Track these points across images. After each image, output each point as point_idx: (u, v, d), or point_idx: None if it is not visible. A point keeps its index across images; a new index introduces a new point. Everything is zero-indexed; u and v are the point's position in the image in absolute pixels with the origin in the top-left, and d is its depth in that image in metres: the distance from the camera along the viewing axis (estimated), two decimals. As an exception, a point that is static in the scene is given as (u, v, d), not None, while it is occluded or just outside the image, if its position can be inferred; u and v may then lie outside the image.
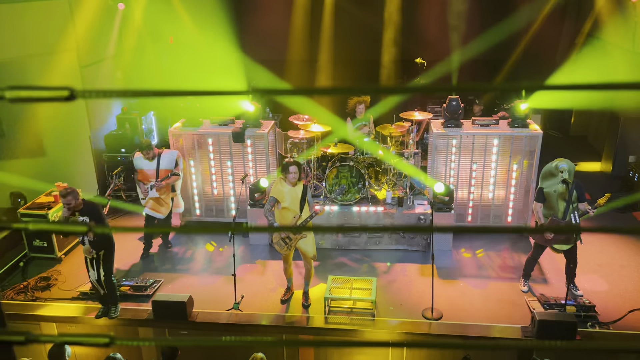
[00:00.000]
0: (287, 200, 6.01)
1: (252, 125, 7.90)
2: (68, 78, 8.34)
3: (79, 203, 5.75)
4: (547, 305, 6.12)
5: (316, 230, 7.68)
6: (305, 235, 6.08)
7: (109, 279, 6.09)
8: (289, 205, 6.02)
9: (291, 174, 5.97)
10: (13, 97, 1.19)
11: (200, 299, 6.35)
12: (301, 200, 6.03)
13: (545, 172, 6.22)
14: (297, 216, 6.03)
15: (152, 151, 7.11)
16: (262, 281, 6.91)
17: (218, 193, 8.21)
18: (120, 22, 9.61)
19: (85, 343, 1.30)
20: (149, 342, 4.08)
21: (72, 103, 1.23)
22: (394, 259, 7.37)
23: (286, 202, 6.01)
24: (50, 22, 8.21)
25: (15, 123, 8.18)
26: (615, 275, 6.85)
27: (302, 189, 6.05)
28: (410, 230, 8.11)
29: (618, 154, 9.35)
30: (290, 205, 6.02)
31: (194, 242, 7.94)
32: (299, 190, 6.04)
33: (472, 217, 7.98)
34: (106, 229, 6.16)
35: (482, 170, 7.71)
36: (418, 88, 8.07)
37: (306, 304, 6.38)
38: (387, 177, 7.83)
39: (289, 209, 6.03)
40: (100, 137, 9.24)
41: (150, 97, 1.23)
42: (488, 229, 7.28)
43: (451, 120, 7.70)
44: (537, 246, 6.43)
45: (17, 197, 7.79)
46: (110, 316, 6.17)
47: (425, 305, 6.23)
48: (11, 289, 6.75)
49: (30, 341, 1.28)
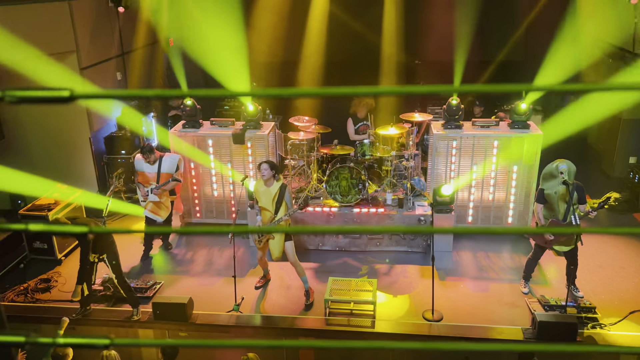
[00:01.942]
0: (262, 199, 6.20)
1: (252, 127, 7.90)
2: (68, 80, 8.33)
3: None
4: (548, 307, 6.11)
5: (316, 231, 7.67)
6: (273, 237, 6.23)
7: (120, 280, 6.10)
8: (264, 204, 6.20)
9: (261, 172, 6.10)
10: (13, 98, 1.18)
11: (200, 301, 6.35)
12: (276, 200, 6.13)
13: (545, 173, 6.21)
14: (272, 216, 6.19)
15: (154, 155, 7.10)
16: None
17: (218, 195, 8.21)
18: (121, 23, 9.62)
19: (85, 345, 1.29)
20: (149, 344, 4.07)
21: (72, 105, 1.22)
22: (394, 260, 7.37)
23: (262, 202, 6.21)
24: (51, 24, 8.21)
25: (16, 125, 8.18)
26: (615, 276, 6.84)
27: (279, 190, 6.12)
28: (409, 232, 8.11)
29: (618, 155, 9.35)
30: (265, 205, 6.19)
31: (193, 243, 7.94)
32: (274, 191, 6.14)
33: (473, 218, 7.98)
34: (104, 229, 6.16)
35: (482, 172, 7.70)
36: (418, 89, 8.06)
37: (307, 303, 6.39)
38: (388, 179, 7.83)
39: (265, 209, 6.21)
40: (101, 139, 9.25)
41: (149, 98, 1.23)
42: (488, 230, 7.28)
43: (451, 122, 7.71)
44: (538, 247, 6.43)
45: (17, 199, 7.79)
46: (132, 318, 6.16)
47: (426, 306, 6.22)
48: (11, 291, 6.75)
49: (30, 343, 1.28)
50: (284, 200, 6.18)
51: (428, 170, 7.95)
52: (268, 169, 6.08)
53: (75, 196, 7.80)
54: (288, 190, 6.28)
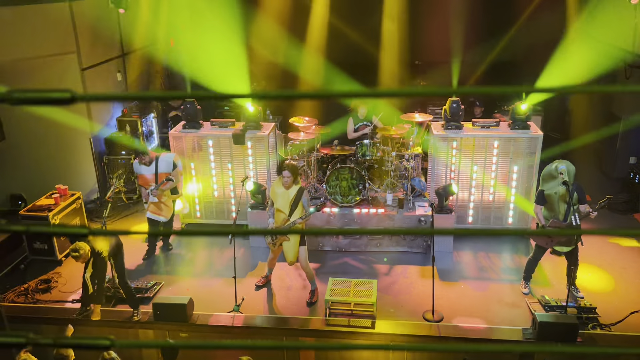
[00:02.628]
0: (279, 201, 6.20)
1: (252, 127, 7.91)
2: (69, 80, 8.35)
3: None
4: (548, 307, 6.11)
5: (315, 232, 7.69)
6: (288, 239, 6.22)
7: (122, 281, 6.10)
8: (280, 207, 6.21)
9: (284, 178, 6.08)
10: (15, 100, 1.19)
11: (200, 301, 6.35)
12: (293, 203, 6.15)
13: (545, 174, 6.21)
14: (286, 219, 6.19)
15: (148, 156, 7.09)
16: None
17: (219, 195, 8.21)
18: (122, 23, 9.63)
19: (85, 345, 1.30)
20: (149, 345, 4.07)
21: (73, 105, 1.23)
22: (395, 260, 7.37)
23: (278, 204, 6.21)
24: (51, 25, 8.22)
25: (17, 125, 8.18)
26: (616, 276, 6.84)
27: (296, 192, 6.14)
28: (410, 233, 8.10)
29: (619, 155, 9.35)
30: (282, 207, 6.20)
31: (194, 244, 7.94)
32: (292, 193, 6.15)
33: (473, 218, 7.98)
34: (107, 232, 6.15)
35: (482, 172, 7.71)
36: (418, 91, 8.07)
37: (310, 302, 6.40)
38: (388, 179, 7.83)
39: (281, 211, 6.21)
40: (101, 139, 9.26)
41: (149, 100, 1.23)
42: (489, 232, 7.28)
43: (452, 122, 7.71)
44: (538, 248, 6.42)
45: (18, 199, 7.79)
46: (132, 319, 6.16)
47: (426, 307, 6.22)
48: (12, 291, 6.75)
49: (31, 343, 1.28)
50: (300, 203, 6.18)
51: (428, 171, 7.96)
52: (290, 175, 6.06)
53: (75, 197, 7.81)
54: (306, 193, 6.28)
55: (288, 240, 6.25)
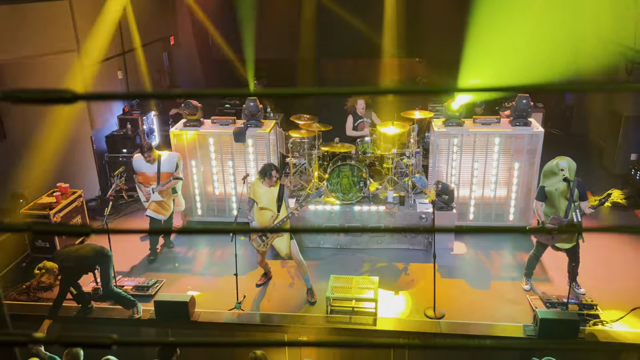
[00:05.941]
0: (264, 200, 6.27)
1: (253, 125, 7.90)
2: (69, 79, 8.33)
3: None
4: (549, 304, 6.12)
5: (315, 231, 7.69)
6: (281, 235, 6.33)
7: (106, 290, 6.06)
8: (266, 205, 6.28)
9: (273, 178, 6.20)
10: (15, 98, 1.19)
11: (202, 299, 6.36)
12: (277, 200, 6.26)
13: (546, 170, 6.21)
14: (274, 216, 6.26)
15: (153, 154, 7.09)
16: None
17: (220, 193, 8.21)
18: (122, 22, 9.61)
19: (87, 344, 1.30)
20: (151, 343, 4.09)
21: (74, 104, 1.23)
22: (396, 258, 7.37)
23: (263, 202, 6.28)
24: (52, 23, 8.21)
25: (18, 124, 8.19)
26: (617, 273, 6.84)
27: (279, 189, 6.29)
28: (410, 231, 8.10)
29: (620, 151, 9.33)
30: (268, 205, 6.28)
31: (195, 242, 7.94)
32: (275, 191, 6.28)
33: (474, 215, 7.98)
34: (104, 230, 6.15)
35: (483, 169, 7.71)
36: (418, 89, 8.05)
37: (312, 301, 6.41)
38: (389, 176, 7.82)
39: (267, 209, 6.28)
40: (102, 138, 9.26)
41: (149, 99, 1.23)
42: (490, 229, 7.28)
43: (453, 119, 7.70)
44: (539, 244, 6.42)
45: (19, 198, 7.80)
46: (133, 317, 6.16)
47: (428, 304, 6.22)
48: (13, 290, 6.76)
49: (32, 342, 1.28)
50: (283, 200, 6.31)
51: (429, 168, 7.95)
52: (277, 174, 6.25)
53: (76, 195, 7.82)
54: (286, 189, 6.45)
55: (281, 236, 6.32)
